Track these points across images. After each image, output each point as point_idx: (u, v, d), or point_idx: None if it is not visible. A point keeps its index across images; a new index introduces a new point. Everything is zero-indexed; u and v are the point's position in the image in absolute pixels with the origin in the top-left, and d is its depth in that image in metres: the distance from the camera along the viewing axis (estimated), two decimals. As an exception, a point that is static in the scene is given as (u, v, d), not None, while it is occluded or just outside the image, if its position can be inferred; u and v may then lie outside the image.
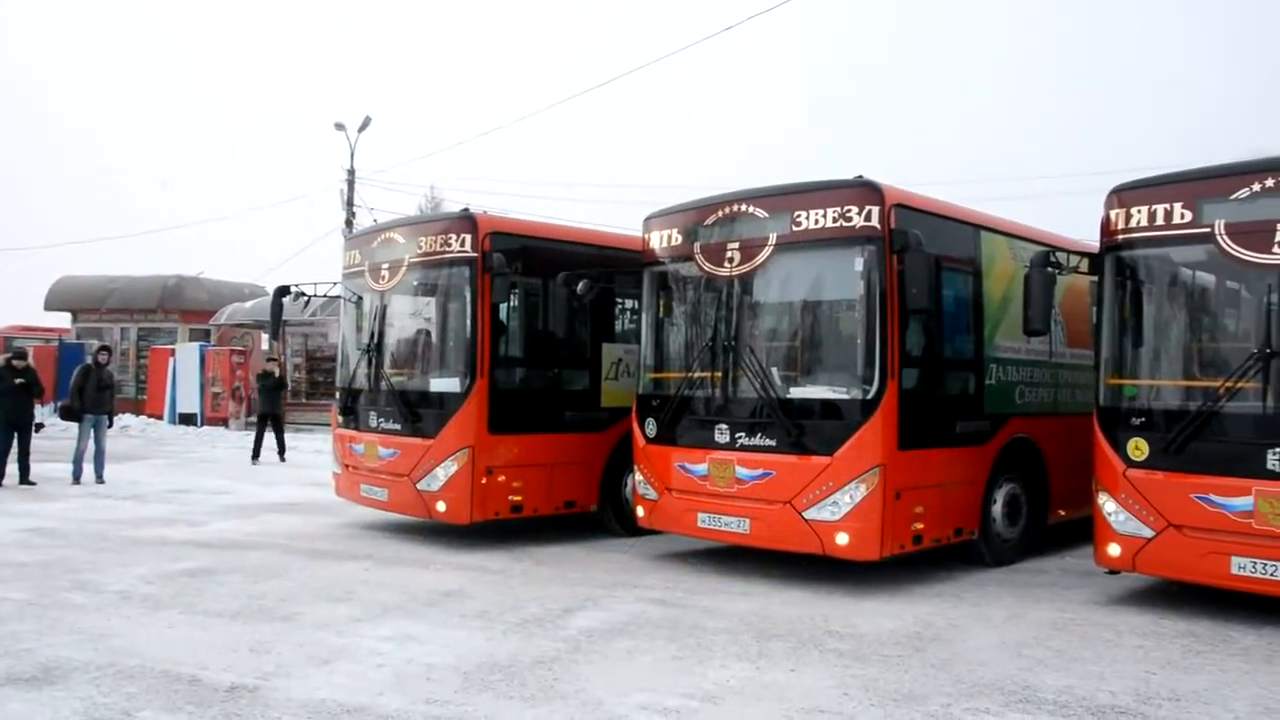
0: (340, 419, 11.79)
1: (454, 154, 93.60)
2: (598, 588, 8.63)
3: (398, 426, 10.71)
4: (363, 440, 11.18)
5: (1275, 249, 7.19)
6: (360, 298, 11.56)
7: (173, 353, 30.28)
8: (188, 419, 29.37)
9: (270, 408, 21.12)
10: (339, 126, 33.79)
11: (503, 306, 10.42)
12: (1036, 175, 74.72)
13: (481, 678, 6.05)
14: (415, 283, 11.06)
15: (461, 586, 8.61)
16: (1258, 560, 7.21)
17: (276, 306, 12.47)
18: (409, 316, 11.58)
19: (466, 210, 10.67)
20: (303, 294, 12.22)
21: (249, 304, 32.63)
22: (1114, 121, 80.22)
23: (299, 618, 7.45)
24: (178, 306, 33.79)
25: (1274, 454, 7.12)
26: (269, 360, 23.34)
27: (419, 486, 10.34)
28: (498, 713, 5.47)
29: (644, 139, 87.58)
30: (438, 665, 6.29)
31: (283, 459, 20.63)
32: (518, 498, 10.40)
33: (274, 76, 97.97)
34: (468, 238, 10.17)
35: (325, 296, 12.58)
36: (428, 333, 11.34)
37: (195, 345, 30.73)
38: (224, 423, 29.04)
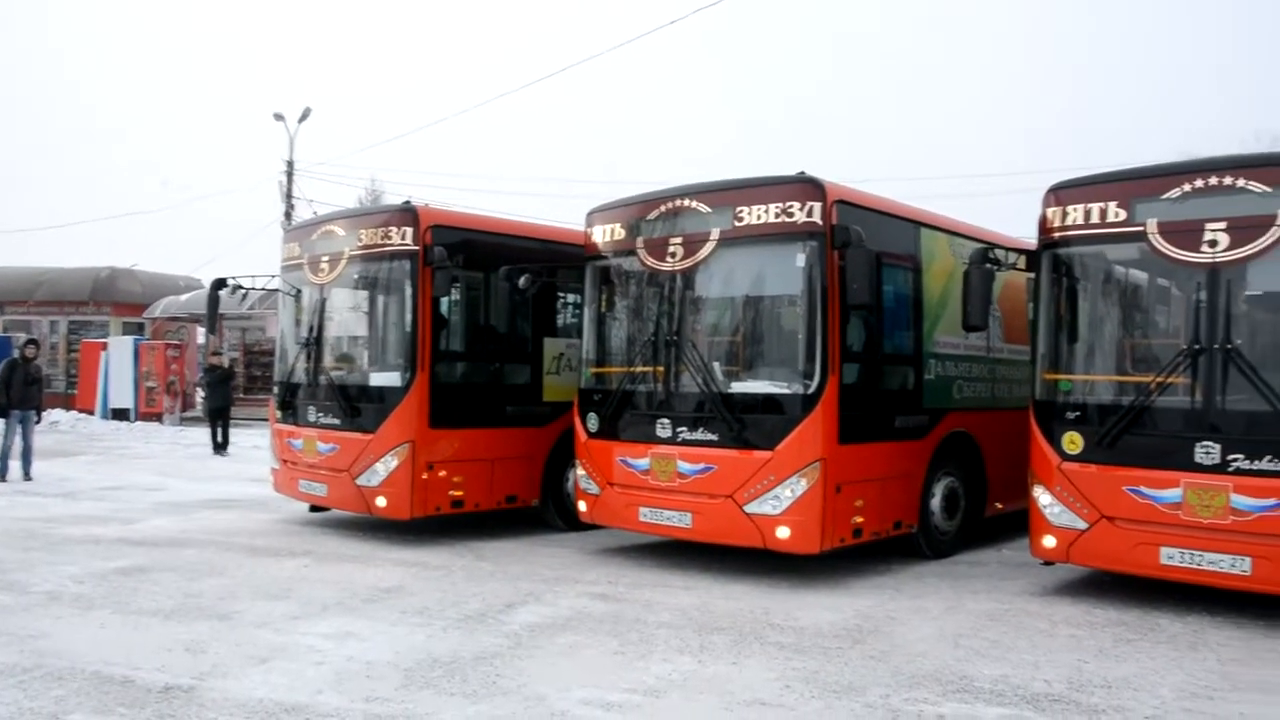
0: (279, 414, 11.63)
1: (395, 146, 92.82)
2: (539, 583, 8.61)
3: (337, 421, 10.59)
4: (301, 435, 11.05)
5: (1203, 248, 7.34)
6: (299, 291, 11.41)
7: (105, 346, 29.65)
8: (121, 414, 28.79)
9: (219, 400, 21.04)
10: (278, 117, 33.36)
11: (444, 300, 10.34)
12: (977, 174, 75.73)
13: (422, 674, 6.01)
14: (355, 276, 10.94)
15: (402, 583, 8.54)
16: (1185, 550, 7.38)
17: (213, 300, 12.27)
18: (349, 310, 11.46)
19: (408, 203, 10.60)
20: (240, 287, 12.03)
21: (184, 297, 32.09)
22: (1053, 121, 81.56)
23: (236, 616, 7.34)
24: (110, 299, 33.08)
25: (1201, 447, 7.29)
26: (214, 354, 23.06)
27: (359, 482, 10.24)
28: (439, 710, 5.43)
29: (589, 133, 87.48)
30: (378, 662, 6.23)
31: (224, 452, 20.53)
32: (459, 493, 10.34)
33: (211, 65, 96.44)
34: (409, 231, 10.08)
35: (263, 290, 12.41)
36: (368, 326, 11.22)
37: (129, 339, 30.09)
38: (158, 418, 28.51)
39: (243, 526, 11.47)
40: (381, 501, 10.12)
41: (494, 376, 10.80)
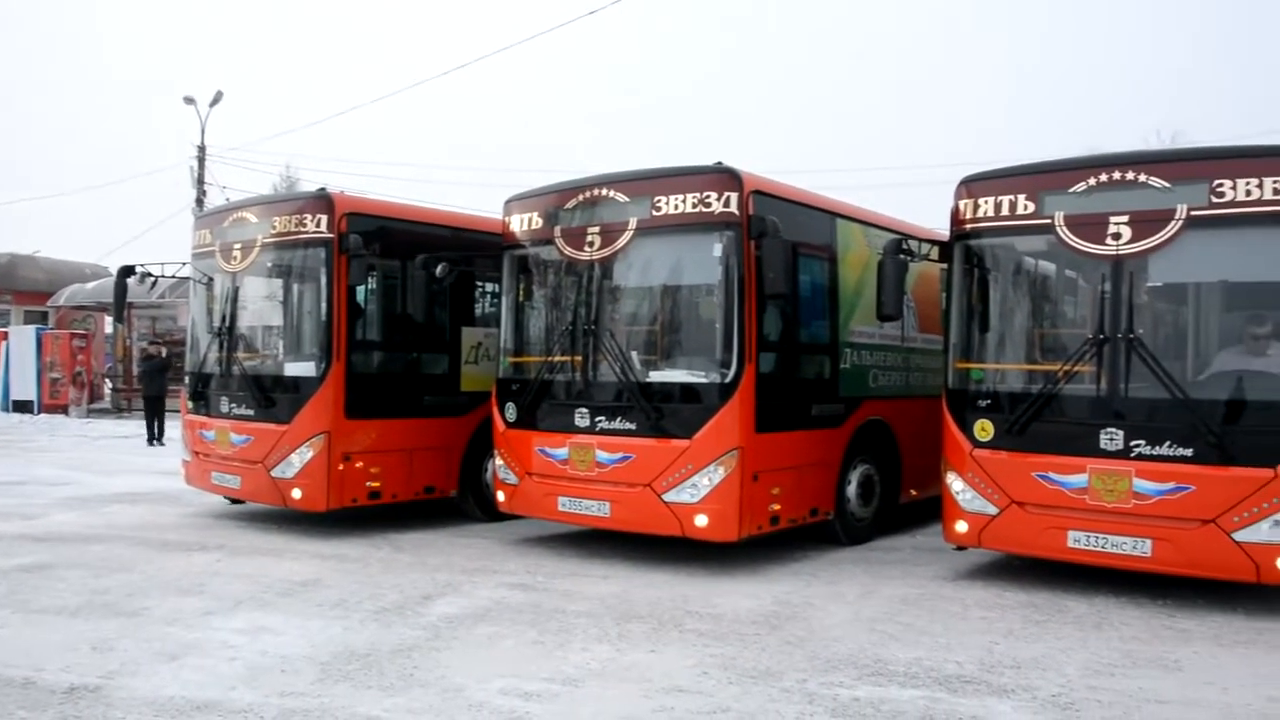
0: (190, 404, 11.41)
1: (311, 133, 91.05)
2: (458, 573, 8.56)
3: (251, 412, 10.42)
4: (214, 426, 10.84)
5: (1108, 240, 7.54)
6: (211, 279, 11.18)
7: (5, 335, 28.77)
8: (23, 406, 27.97)
9: (155, 390, 20.70)
10: (188, 100, 32.55)
11: (360, 289, 10.22)
12: (893, 165, 76.81)
13: (339, 668, 5.95)
14: (269, 264, 10.75)
15: (318, 575, 8.43)
16: (1091, 534, 7.60)
17: (120, 287, 11.95)
18: (262, 299, 11.27)
19: (322, 190, 10.43)
20: (149, 275, 11.76)
21: (91, 285, 31.27)
22: (967, 115, 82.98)
23: (146, 613, 7.17)
24: (11, 286, 32.14)
25: (1106, 434, 7.51)
26: (152, 343, 22.58)
27: (273, 473, 10.09)
28: (355, 703, 5.38)
29: (508, 122, 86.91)
30: (293, 656, 6.15)
31: (161, 442, 20.24)
32: (376, 484, 10.23)
33: (118, 46, 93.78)
34: (323, 218, 9.93)
35: (174, 278, 12.15)
36: (282, 315, 11.04)
37: (31, 328, 29.27)
38: (63, 410, 27.75)
39: (153, 521, 11.21)
40: (297, 493, 9.98)
41: (411, 366, 10.72)
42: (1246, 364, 7.51)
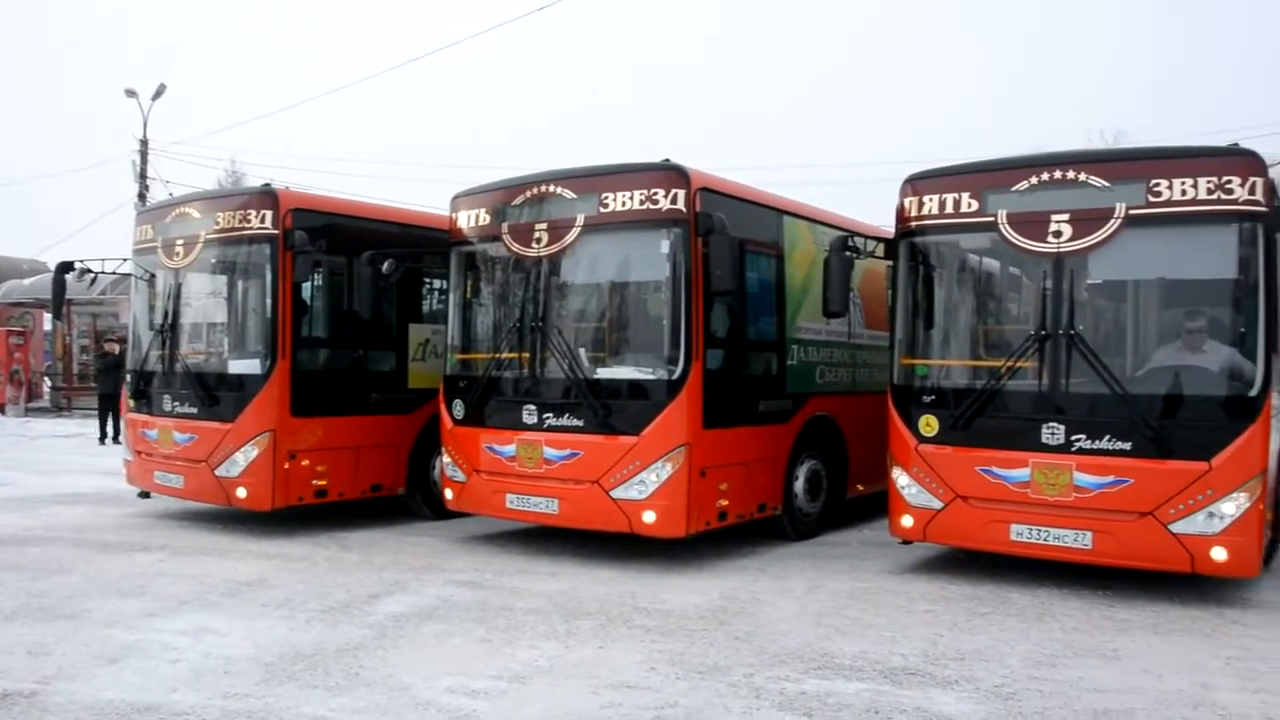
0: (132, 403, 11.23)
1: (257, 127, 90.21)
2: (405, 572, 8.51)
3: (194, 410, 10.28)
4: (157, 425, 10.69)
5: (1049, 238, 7.66)
6: (153, 276, 11.01)
7: (-60, 334, 28.17)
8: (-42, 405, 27.41)
9: (110, 387, 20.33)
10: (130, 93, 32.02)
11: (305, 286, 10.11)
12: (840, 163, 77.39)
13: (284, 668, 5.89)
14: (213, 260, 10.61)
15: (263, 575, 8.35)
16: (1033, 527, 7.72)
17: (59, 284, 11.73)
18: (206, 295, 11.11)
19: (267, 185, 10.33)
20: (89, 271, 11.56)
21: (28, 281, 30.67)
22: (915, 111, 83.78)
23: (85, 615, 7.05)
24: (-55, 283, 31.42)
25: (1048, 428, 7.63)
26: (107, 340, 22.17)
27: (218, 472, 9.97)
28: (300, 704, 5.34)
29: (458, 117, 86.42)
30: (237, 658, 6.09)
31: (117, 441, 19.77)
32: (322, 482, 10.15)
33: (59, 38, 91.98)
34: (268, 214, 9.82)
35: (114, 274, 11.95)
36: (226, 312, 10.90)
37: (-34, 325, 28.67)
38: (1, 409, 27.22)
39: (93, 521, 11.03)
40: (242, 492, 9.86)
41: (358, 363, 10.63)
42: (1183, 360, 7.67)
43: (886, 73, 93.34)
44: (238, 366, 10.26)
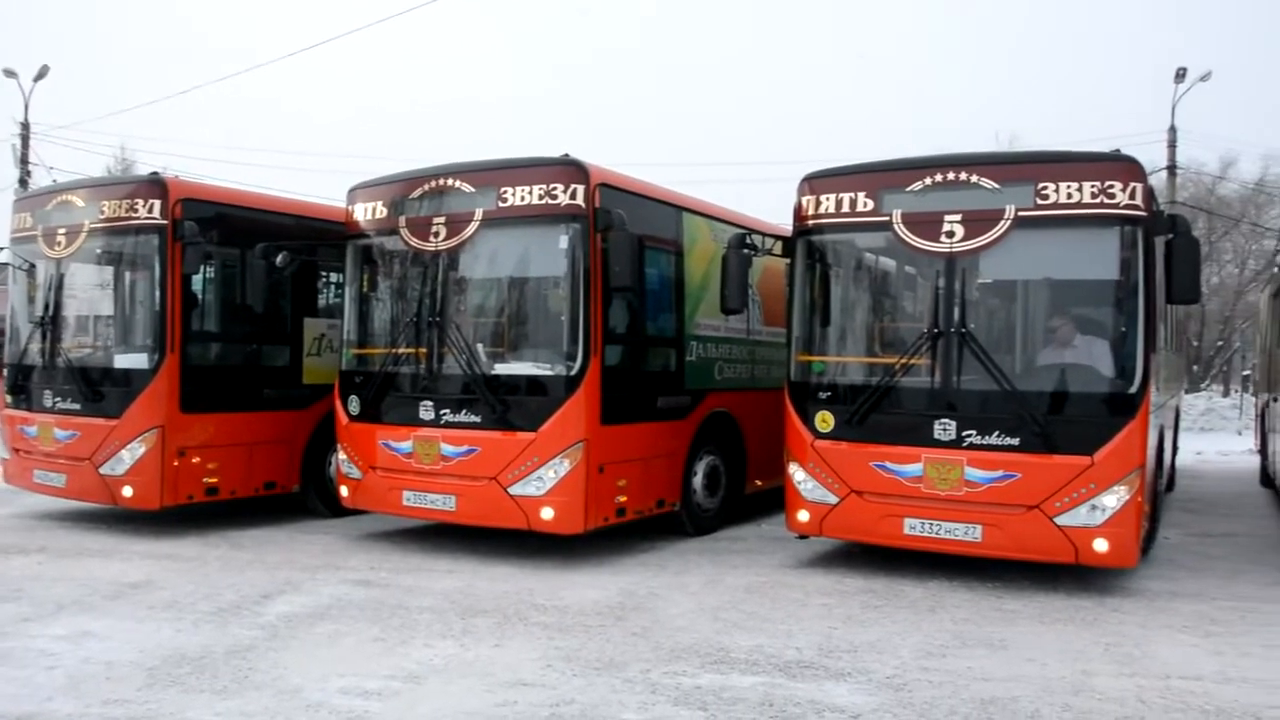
0: (9, 399, 10.81)
1: (149, 113, 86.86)
2: (299, 571, 8.36)
3: (77, 406, 9.94)
4: (36, 422, 10.31)
5: (942, 238, 7.81)
6: (33, 266, 10.62)
7: None
8: None
9: None
10: (9, 74, 30.77)
11: (196, 278, 9.87)
12: (741, 161, 78.05)
13: (168, 672, 5.74)
14: (97, 251, 10.28)
15: (150, 576, 8.11)
16: (926, 520, 7.88)
17: (-72, 274, 11.29)
18: (91, 287, 10.76)
19: (155, 174, 10.02)
20: (-39, 260, 11.12)
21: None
22: (815, 110, 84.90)
23: (-46, 621, 6.78)
24: None
25: (940, 425, 7.78)
26: None
27: (102, 471, 9.66)
28: (185, 709, 5.20)
29: (357, 106, 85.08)
30: (119, 662, 5.90)
31: None
32: (213, 479, 9.91)
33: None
34: (156, 203, 9.54)
35: (-10, 263, 11.51)
36: (112, 305, 10.56)
37: None
38: None
39: (-33, 523, 10.61)
40: (128, 491, 9.57)
41: (251, 358, 10.40)
42: (1067, 357, 7.89)
43: (781, 74, 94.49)
44: (124, 361, 9.95)
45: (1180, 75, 26.72)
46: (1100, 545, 7.36)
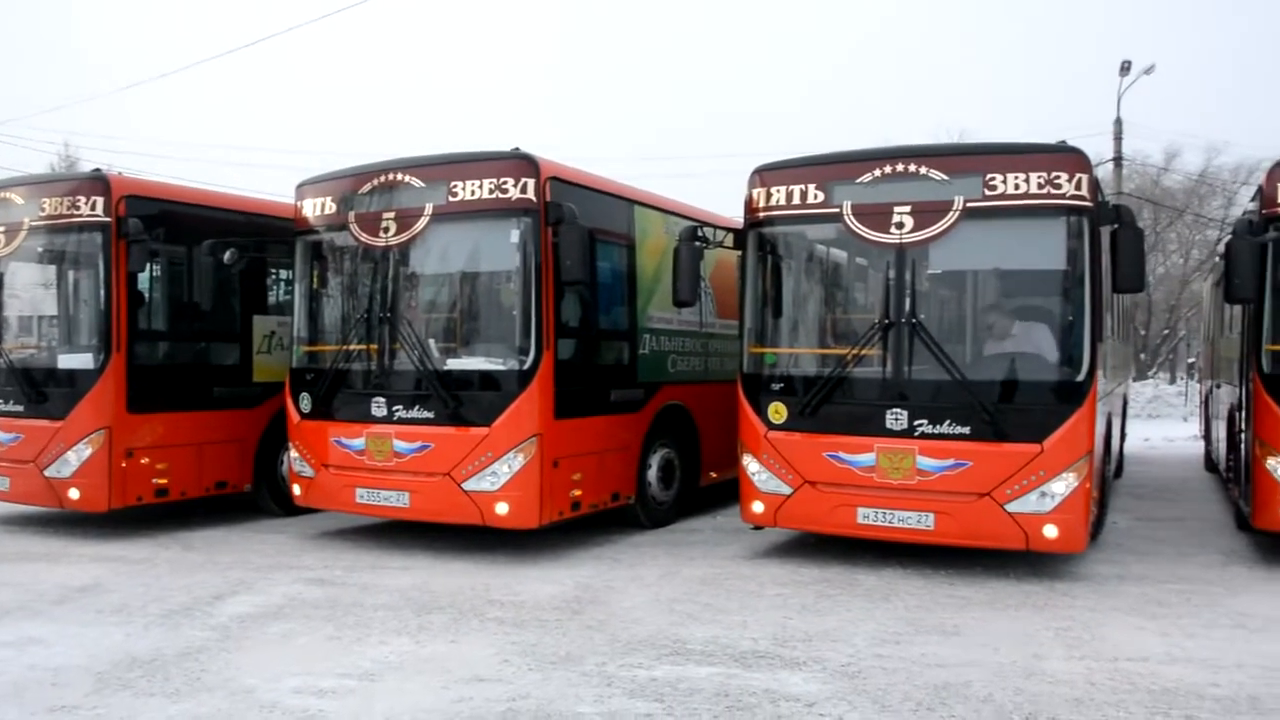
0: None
1: (94, 108, 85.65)
2: (252, 571, 8.28)
3: (20, 408, 9.76)
4: (-23, 424, 10.11)
5: (892, 229, 7.87)
6: (-31, 266, 10.42)
7: None
8: None
9: None
10: (-50, 73, 30.23)
11: (142, 276, 9.71)
12: (694, 154, 78.22)
13: (118, 676, 5.66)
14: (39, 249, 10.11)
15: (98, 580, 8.00)
16: (879, 509, 7.94)
17: None
18: (32, 286, 10.59)
19: (98, 171, 9.87)
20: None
21: None
22: (769, 106, 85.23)
23: (-108, 630, 6.63)
24: None
25: (891, 414, 7.84)
26: None
27: (47, 473, 9.50)
28: (135, 713, 5.14)
29: (305, 102, 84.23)
30: (66, 668, 5.81)
31: None
32: (163, 480, 9.77)
33: None
34: (99, 200, 9.39)
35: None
36: (55, 304, 10.39)
37: None
38: None
39: (-95, 528, 10.39)
40: (74, 493, 9.42)
41: (199, 356, 10.28)
42: (1016, 346, 7.99)
43: (731, 69, 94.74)
44: (68, 361, 9.80)
45: (1125, 68, 27.11)
46: (1050, 531, 7.45)
